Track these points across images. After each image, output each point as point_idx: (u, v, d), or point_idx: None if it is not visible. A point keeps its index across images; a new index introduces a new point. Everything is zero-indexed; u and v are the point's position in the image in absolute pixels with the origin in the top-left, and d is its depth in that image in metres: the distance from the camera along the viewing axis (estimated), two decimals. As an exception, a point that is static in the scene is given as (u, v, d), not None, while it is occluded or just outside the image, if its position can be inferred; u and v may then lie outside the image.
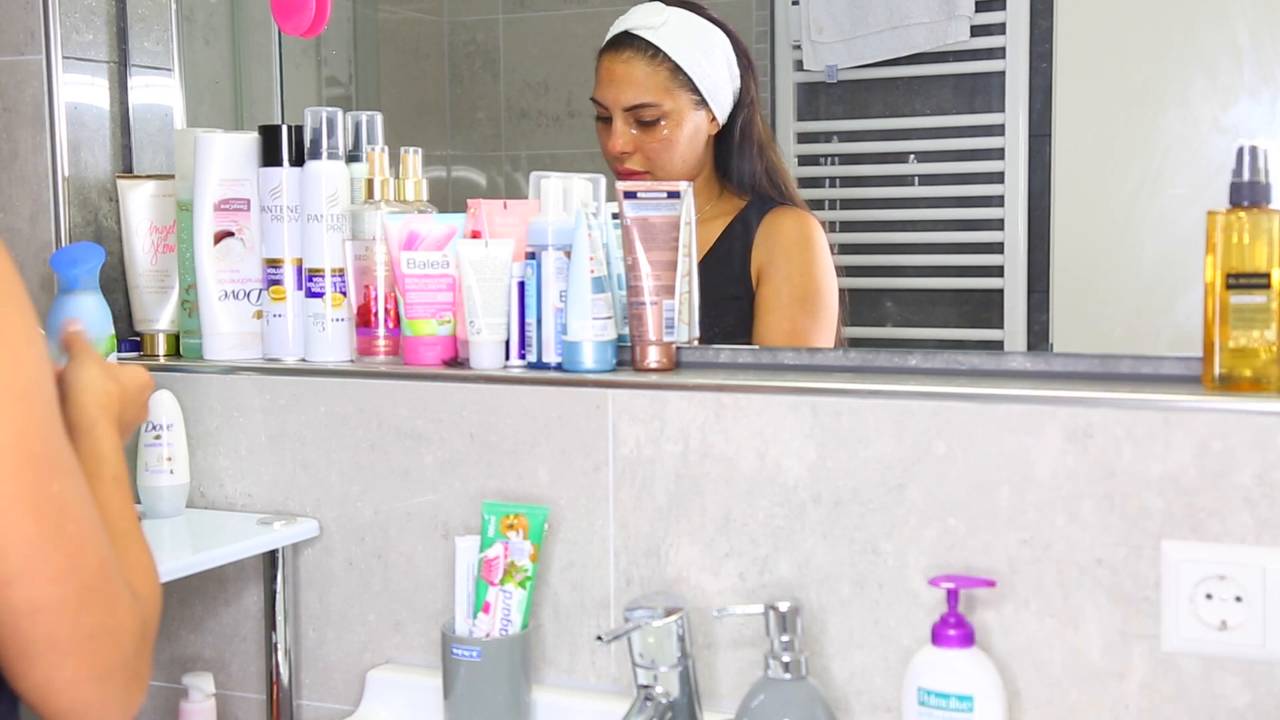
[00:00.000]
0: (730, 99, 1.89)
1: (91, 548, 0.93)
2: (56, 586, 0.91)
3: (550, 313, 1.48)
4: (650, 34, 1.87)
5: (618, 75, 1.89)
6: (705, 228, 1.89)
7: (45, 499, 0.90)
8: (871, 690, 1.35)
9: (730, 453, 1.39)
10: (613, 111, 1.89)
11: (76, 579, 0.92)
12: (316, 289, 1.60)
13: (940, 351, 1.43)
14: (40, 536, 0.89)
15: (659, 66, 1.87)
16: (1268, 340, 1.25)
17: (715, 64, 1.88)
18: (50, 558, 0.90)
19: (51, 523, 0.90)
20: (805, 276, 1.87)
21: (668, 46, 1.86)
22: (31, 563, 0.90)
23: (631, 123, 1.88)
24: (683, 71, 1.86)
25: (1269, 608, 1.21)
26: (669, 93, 1.87)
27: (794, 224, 1.90)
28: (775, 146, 1.95)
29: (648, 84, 1.87)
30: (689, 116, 1.88)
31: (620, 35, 1.89)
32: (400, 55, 2.38)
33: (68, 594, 0.91)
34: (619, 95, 1.88)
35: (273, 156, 1.62)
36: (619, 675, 1.45)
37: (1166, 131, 1.89)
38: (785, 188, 1.92)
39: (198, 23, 1.97)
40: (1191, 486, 1.24)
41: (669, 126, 1.87)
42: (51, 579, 0.90)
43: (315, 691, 1.60)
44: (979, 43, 2.00)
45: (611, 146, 1.89)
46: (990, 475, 1.30)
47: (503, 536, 1.40)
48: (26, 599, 0.90)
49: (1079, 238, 1.92)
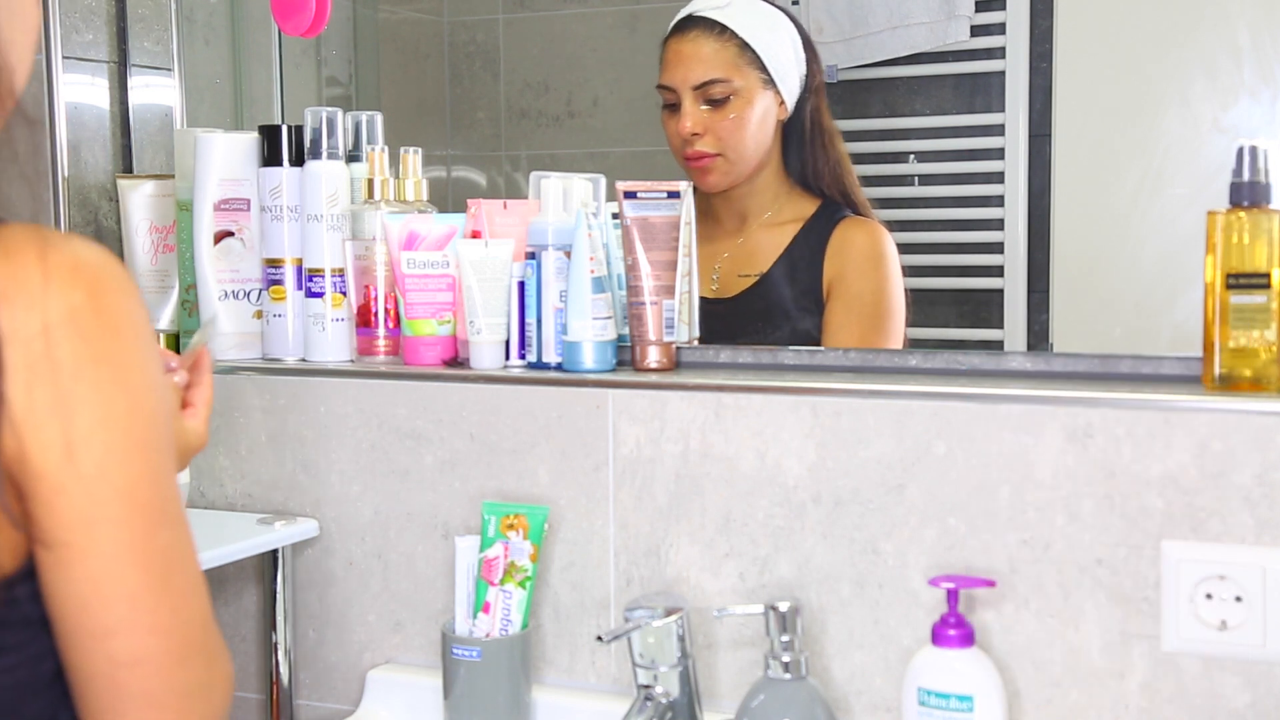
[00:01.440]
0: (798, 84, 1.86)
1: (195, 601, 0.91)
2: (158, 639, 0.88)
3: (550, 313, 1.48)
4: (716, 14, 1.85)
5: (685, 54, 1.86)
6: (773, 233, 1.87)
7: (154, 549, 0.87)
8: (871, 690, 1.35)
9: (730, 453, 1.39)
10: (681, 92, 1.85)
11: (179, 633, 0.89)
12: (316, 289, 1.60)
13: (940, 351, 1.43)
14: (146, 587, 0.87)
15: (727, 43, 1.84)
16: (1268, 340, 1.25)
17: (782, 44, 1.86)
18: (154, 609, 0.87)
19: (158, 574, 0.87)
20: (876, 294, 1.84)
21: (734, 24, 1.84)
22: (135, 614, 0.87)
23: (701, 101, 1.84)
24: (750, 49, 1.84)
25: (1269, 608, 1.21)
26: (738, 69, 1.84)
27: (866, 238, 1.86)
28: (840, 138, 1.91)
29: (716, 60, 1.84)
30: (759, 96, 1.85)
31: (685, 19, 1.87)
32: (400, 55, 2.38)
33: (169, 648, 0.88)
34: (687, 74, 1.85)
35: (273, 156, 1.62)
36: (619, 675, 1.45)
37: (1166, 131, 1.88)
38: (852, 190, 1.88)
39: (198, 23, 1.97)
40: (1191, 486, 1.24)
41: (739, 105, 1.84)
42: (154, 631, 0.87)
43: (315, 692, 1.60)
44: (979, 43, 2.00)
45: (681, 128, 1.85)
46: (990, 475, 1.30)
47: (503, 536, 1.40)
48: (127, 650, 0.87)
49: (1079, 238, 1.92)
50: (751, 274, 1.85)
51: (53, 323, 0.82)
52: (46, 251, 0.83)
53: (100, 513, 0.85)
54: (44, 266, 0.82)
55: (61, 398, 0.82)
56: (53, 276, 0.82)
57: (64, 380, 0.82)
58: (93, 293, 0.84)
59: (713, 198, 1.89)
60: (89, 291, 0.84)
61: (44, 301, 0.82)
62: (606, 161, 2.25)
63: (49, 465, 0.83)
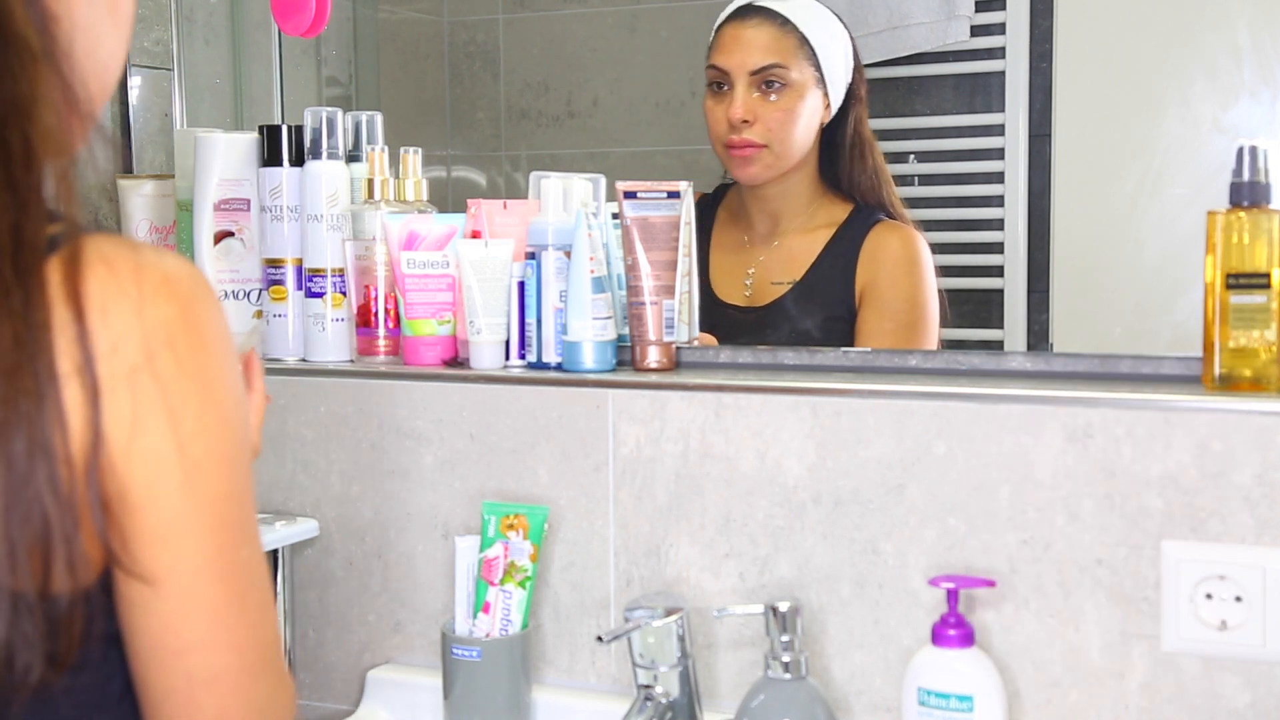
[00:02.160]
0: (843, 89, 1.86)
1: (269, 619, 0.90)
2: (236, 656, 0.87)
3: (550, 313, 1.48)
4: (780, 5, 1.85)
5: (745, 39, 1.85)
6: (806, 239, 1.86)
7: (234, 565, 0.86)
8: (871, 690, 1.35)
9: (730, 453, 1.39)
10: (735, 77, 1.83)
11: (254, 650, 0.88)
12: (317, 289, 1.60)
13: (940, 351, 1.44)
14: (226, 603, 0.86)
15: (788, 34, 1.83)
16: (1268, 340, 1.25)
17: (836, 46, 1.85)
18: (234, 627, 0.87)
19: (238, 590, 0.87)
20: (910, 302, 1.83)
21: (796, 18, 1.84)
22: (216, 630, 0.86)
23: (755, 89, 1.83)
24: (809, 44, 1.83)
25: (1269, 608, 1.21)
26: (796, 61, 1.83)
27: (900, 243, 1.85)
28: (879, 151, 1.90)
29: (777, 48, 1.83)
30: (810, 92, 1.84)
31: (745, 7, 1.87)
32: (400, 55, 2.38)
33: (245, 665, 0.88)
34: (745, 58, 1.84)
35: (273, 156, 1.62)
36: (619, 675, 1.45)
37: (1166, 131, 1.88)
38: (888, 196, 1.87)
39: (198, 22, 1.97)
40: (1191, 486, 1.23)
41: (791, 98, 1.83)
42: (232, 648, 0.87)
43: (315, 692, 1.60)
44: (979, 43, 2.00)
45: (732, 114, 1.83)
46: (990, 475, 1.30)
47: (503, 536, 1.40)
48: (205, 667, 0.87)
49: (1079, 238, 1.92)
50: (785, 281, 1.84)
51: (149, 336, 0.82)
52: (140, 263, 0.83)
53: (188, 528, 0.84)
54: (139, 279, 0.82)
55: (156, 414, 0.82)
56: (146, 289, 0.82)
57: (160, 396, 0.82)
58: (184, 306, 0.84)
59: (746, 199, 1.88)
60: (180, 305, 0.84)
61: (140, 315, 0.82)
62: (606, 161, 2.25)
63: (138, 480, 0.82)
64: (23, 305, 0.79)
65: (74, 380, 0.80)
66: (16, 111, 0.82)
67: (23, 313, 0.79)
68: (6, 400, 0.78)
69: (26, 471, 0.78)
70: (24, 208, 0.81)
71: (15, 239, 0.80)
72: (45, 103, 0.83)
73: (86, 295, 0.81)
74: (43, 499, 0.79)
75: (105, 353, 0.80)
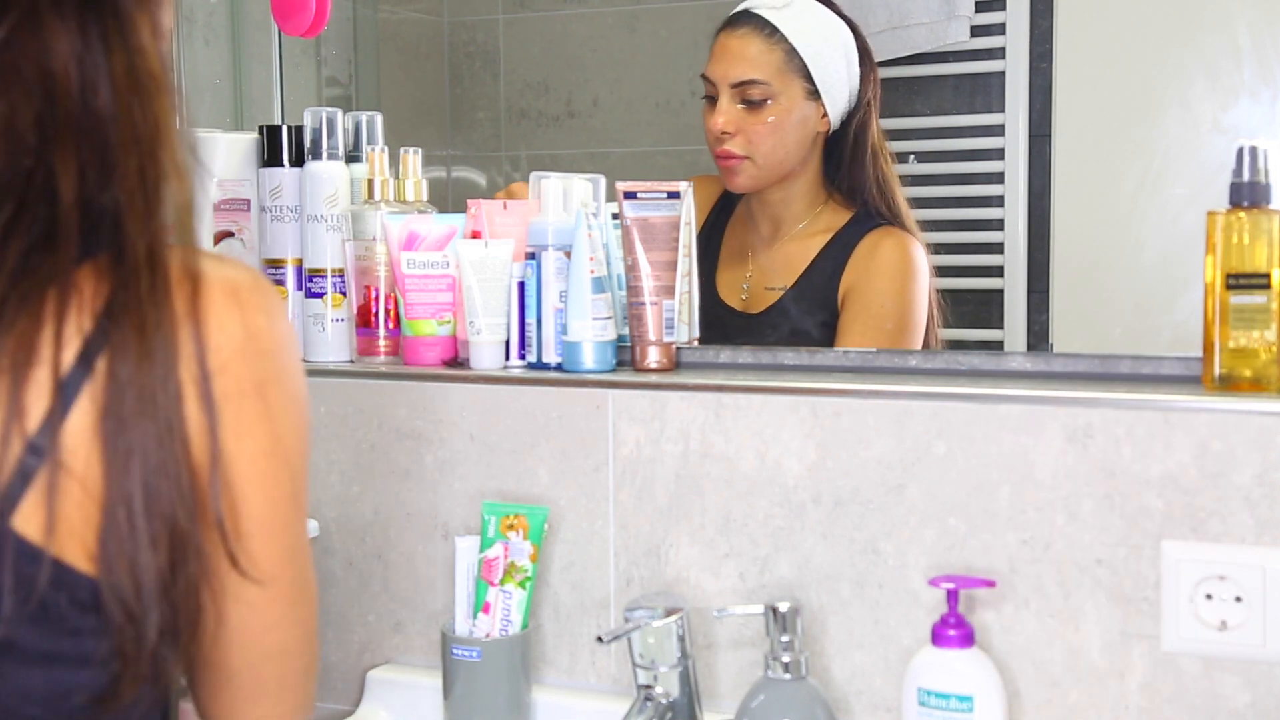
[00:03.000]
0: (846, 99, 1.82)
1: (315, 588, 0.97)
2: (300, 630, 0.95)
3: (550, 313, 1.48)
4: (771, 14, 1.80)
5: (730, 50, 1.82)
6: (803, 245, 1.83)
7: (300, 547, 0.94)
8: (871, 690, 1.35)
9: (730, 453, 1.39)
10: (719, 88, 1.81)
11: (311, 622, 0.96)
12: (317, 289, 1.61)
13: (940, 351, 1.44)
14: (296, 584, 0.94)
15: (775, 47, 1.80)
16: (1268, 340, 1.25)
17: (834, 57, 1.81)
18: (299, 603, 0.94)
19: (304, 570, 0.94)
20: (896, 301, 1.79)
21: (787, 29, 1.79)
22: (291, 609, 0.94)
23: (737, 100, 1.81)
24: (799, 56, 1.79)
25: (1269, 608, 1.21)
26: (781, 76, 1.80)
27: (893, 246, 1.81)
28: (888, 155, 1.86)
29: (759, 61, 1.80)
30: (798, 106, 1.80)
31: (740, 13, 1.83)
32: (400, 55, 2.38)
33: (305, 636, 0.96)
34: (727, 70, 1.81)
35: (273, 157, 1.62)
36: (619, 675, 1.45)
37: (1166, 131, 1.88)
38: (894, 203, 1.83)
39: (198, 23, 1.97)
40: (1191, 486, 1.23)
41: (776, 111, 1.80)
42: (298, 623, 0.95)
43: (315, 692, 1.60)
44: (979, 43, 2.00)
45: (713, 125, 1.81)
46: (990, 475, 1.30)
47: (503, 536, 1.40)
48: (279, 643, 0.94)
49: (1079, 238, 1.92)
50: (777, 288, 1.82)
51: (248, 349, 0.87)
52: (225, 278, 0.88)
53: (282, 524, 0.91)
54: (236, 295, 0.88)
55: (258, 423, 0.88)
56: (245, 304, 0.88)
57: (260, 406, 0.88)
58: (256, 315, 0.89)
59: (750, 202, 1.88)
60: (265, 314, 0.89)
61: (244, 328, 0.87)
62: (606, 161, 2.25)
63: (243, 484, 0.88)
64: (156, 325, 0.84)
65: (193, 395, 0.85)
66: (154, 138, 0.87)
67: (156, 331, 0.83)
68: (143, 413, 0.83)
69: (158, 488, 0.83)
70: (154, 226, 0.86)
71: (150, 257, 0.85)
72: (172, 130, 0.88)
73: (205, 315, 0.86)
74: (175, 514, 0.83)
75: (216, 369, 0.85)
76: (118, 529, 0.82)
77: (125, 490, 0.82)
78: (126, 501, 0.82)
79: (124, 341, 0.83)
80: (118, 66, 0.86)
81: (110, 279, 0.84)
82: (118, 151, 0.85)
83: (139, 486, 0.82)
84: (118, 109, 0.85)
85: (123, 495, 0.82)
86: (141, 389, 0.82)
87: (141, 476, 0.82)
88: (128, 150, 0.86)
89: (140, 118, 0.86)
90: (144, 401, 0.82)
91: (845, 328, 1.78)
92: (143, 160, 0.86)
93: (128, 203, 0.85)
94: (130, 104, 0.86)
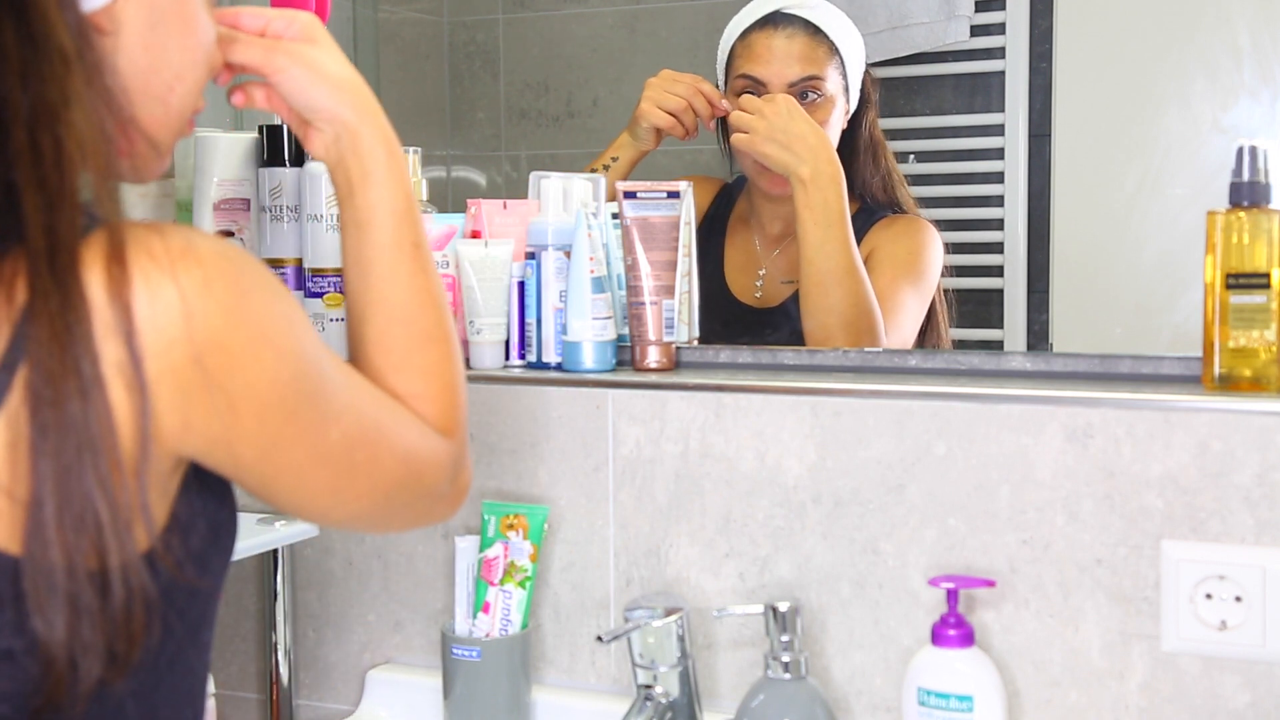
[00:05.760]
0: (858, 93, 1.84)
1: (385, 453, 0.96)
2: (363, 502, 0.96)
3: (550, 313, 1.48)
4: (808, 13, 1.82)
5: (779, 50, 1.82)
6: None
7: (330, 447, 0.91)
8: (871, 690, 1.35)
9: (730, 453, 1.39)
10: (773, 89, 1.80)
11: (382, 486, 0.96)
12: (317, 289, 1.60)
13: (940, 351, 1.44)
14: (335, 479, 0.93)
15: (820, 43, 1.81)
16: (1268, 340, 1.25)
17: (858, 51, 1.84)
18: (348, 489, 0.94)
19: (343, 464, 0.92)
20: (910, 253, 1.80)
21: (827, 27, 1.82)
22: (338, 500, 0.95)
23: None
24: (839, 53, 1.82)
25: (1269, 608, 1.21)
26: (829, 71, 1.81)
27: (908, 221, 1.84)
28: (890, 152, 1.88)
29: (814, 58, 1.81)
30: (839, 100, 1.82)
31: (774, 13, 1.83)
32: (400, 55, 2.38)
33: (376, 499, 0.97)
34: (784, 70, 1.81)
35: (273, 156, 1.62)
36: (619, 675, 1.45)
37: (1166, 131, 1.88)
38: (901, 196, 1.85)
39: (198, 23, 1.97)
40: (1191, 486, 1.23)
41: (826, 109, 1.81)
42: (355, 500, 0.96)
43: (314, 691, 1.60)
44: (979, 43, 2.00)
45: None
46: (990, 475, 1.30)
47: (503, 536, 1.40)
48: (342, 520, 1.00)
49: (1079, 238, 1.92)
50: (793, 281, 1.80)
51: (173, 318, 0.82)
52: (168, 244, 0.83)
53: (300, 468, 0.91)
54: (171, 260, 0.83)
55: (210, 393, 0.84)
56: (153, 274, 0.82)
57: (195, 374, 0.83)
58: (188, 278, 0.83)
59: (758, 200, 1.87)
60: (187, 278, 0.83)
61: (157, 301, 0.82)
62: (606, 161, 2.25)
63: (209, 444, 0.87)
64: (60, 306, 0.79)
65: (119, 378, 0.80)
66: (47, 114, 0.82)
67: (60, 314, 0.79)
68: (54, 403, 0.79)
69: (77, 475, 0.79)
70: (55, 208, 0.81)
71: (49, 240, 0.80)
72: (80, 109, 0.83)
73: (131, 290, 0.81)
74: (95, 502, 0.80)
75: (152, 347, 0.81)
76: (41, 532, 0.79)
77: (43, 499, 0.79)
78: (48, 513, 0.79)
79: (38, 340, 0.79)
80: (6, 40, 0.81)
81: (27, 269, 0.80)
82: (10, 130, 0.81)
83: (59, 498, 0.79)
84: (4, 86, 0.81)
85: (41, 503, 0.79)
86: (57, 396, 0.79)
87: (61, 485, 0.79)
88: (17, 128, 0.81)
89: (36, 94, 0.81)
90: (60, 410, 0.79)
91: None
92: (37, 138, 0.81)
93: (23, 185, 0.80)
94: (12, 81, 0.81)
